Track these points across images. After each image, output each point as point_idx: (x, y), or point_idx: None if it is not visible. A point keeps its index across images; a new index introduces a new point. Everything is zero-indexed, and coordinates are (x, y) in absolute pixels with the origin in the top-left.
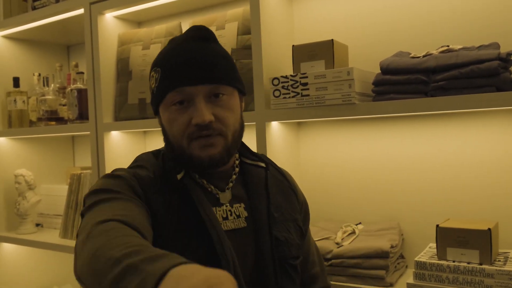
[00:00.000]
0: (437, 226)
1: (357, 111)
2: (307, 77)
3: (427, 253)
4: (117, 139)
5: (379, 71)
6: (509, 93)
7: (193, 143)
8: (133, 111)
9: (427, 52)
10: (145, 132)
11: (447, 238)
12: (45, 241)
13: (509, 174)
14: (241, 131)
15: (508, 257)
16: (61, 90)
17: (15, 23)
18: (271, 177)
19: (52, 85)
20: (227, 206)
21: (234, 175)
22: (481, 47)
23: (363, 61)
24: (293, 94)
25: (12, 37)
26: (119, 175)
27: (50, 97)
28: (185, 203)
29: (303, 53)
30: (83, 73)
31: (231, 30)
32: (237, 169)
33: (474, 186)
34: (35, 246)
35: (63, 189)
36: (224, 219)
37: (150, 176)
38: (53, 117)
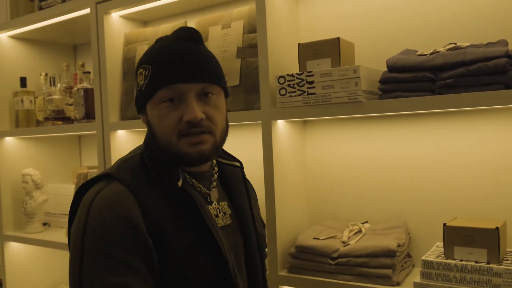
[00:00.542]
0: (444, 225)
1: (363, 110)
2: (313, 75)
3: (434, 252)
4: (123, 138)
5: (386, 69)
6: None
7: (182, 140)
8: None
9: (434, 49)
10: None
11: (455, 237)
12: (52, 240)
13: None
14: (227, 130)
15: None
16: (68, 89)
17: (22, 23)
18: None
19: (58, 85)
20: (215, 204)
21: (215, 174)
22: (488, 44)
23: (369, 59)
24: (299, 92)
25: (19, 37)
26: (134, 226)
27: (57, 97)
28: (184, 208)
29: (309, 51)
30: (89, 72)
31: (237, 28)
32: (216, 168)
33: (481, 184)
34: (42, 245)
35: (70, 188)
36: (215, 216)
37: (147, 192)
38: (59, 117)
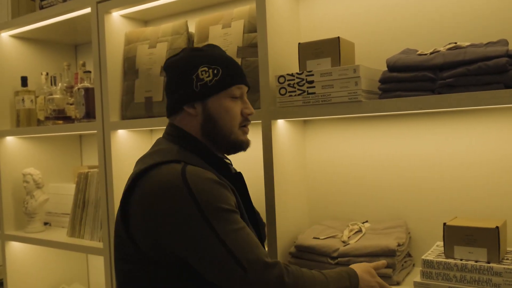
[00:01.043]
0: (445, 224)
1: (363, 109)
2: (313, 75)
3: (434, 251)
4: (123, 138)
5: (385, 69)
6: None
7: (240, 129)
8: (140, 110)
9: (435, 49)
10: (151, 130)
11: (455, 236)
12: (53, 239)
13: None
14: None
15: None
16: (69, 89)
17: (23, 22)
18: None
19: (59, 84)
20: None
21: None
22: (489, 44)
23: (369, 59)
24: (299, 92)
25: (20, 37)
26: (226, 187)
27: (57, 96)
28: (238, 191)
29: (309, 51)
30: (90, 72)
31: (237, 28)
32: None
33: (481, 184)
34: (43, 244)
35: (70, 188)
36: None
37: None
38: (60, 116)
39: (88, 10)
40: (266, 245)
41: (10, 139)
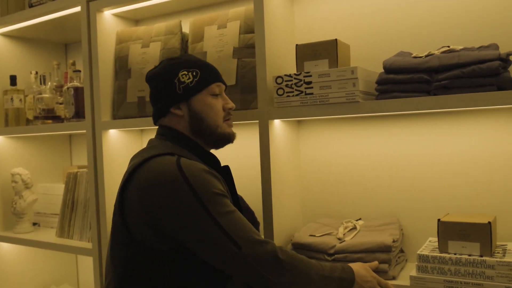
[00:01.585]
0: (439, 220)
1: (361, 109)
2: (311, 76)
3: (428, 246)
4: (114, 138)
5: (380, 71)
6: (509, 92)
7: (225, 123)
8: (132, 109)
9: (429, 52)
10: (142, 130)
11: (449, 231)
12: (42, 240)
13: (505, 170)
14: None
15: (506, 249)
16: (58, 88)
17: (12, 20)
18: None
19: (49, 84)
20: None
21: None
22: (481, 48)
23: (363, 60)
24: (297, 92)
25: (9, 35)
26: (217, 177)
27: (47, 96)
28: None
29: (306, 52)
30: (79, 71)
31: (233, 29)
32: None
33: (471, 182)
34: (32, 245)
35: (60, 188)
36: None
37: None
38: (49, 116)
39: (78, 8)
40: None
41: None
